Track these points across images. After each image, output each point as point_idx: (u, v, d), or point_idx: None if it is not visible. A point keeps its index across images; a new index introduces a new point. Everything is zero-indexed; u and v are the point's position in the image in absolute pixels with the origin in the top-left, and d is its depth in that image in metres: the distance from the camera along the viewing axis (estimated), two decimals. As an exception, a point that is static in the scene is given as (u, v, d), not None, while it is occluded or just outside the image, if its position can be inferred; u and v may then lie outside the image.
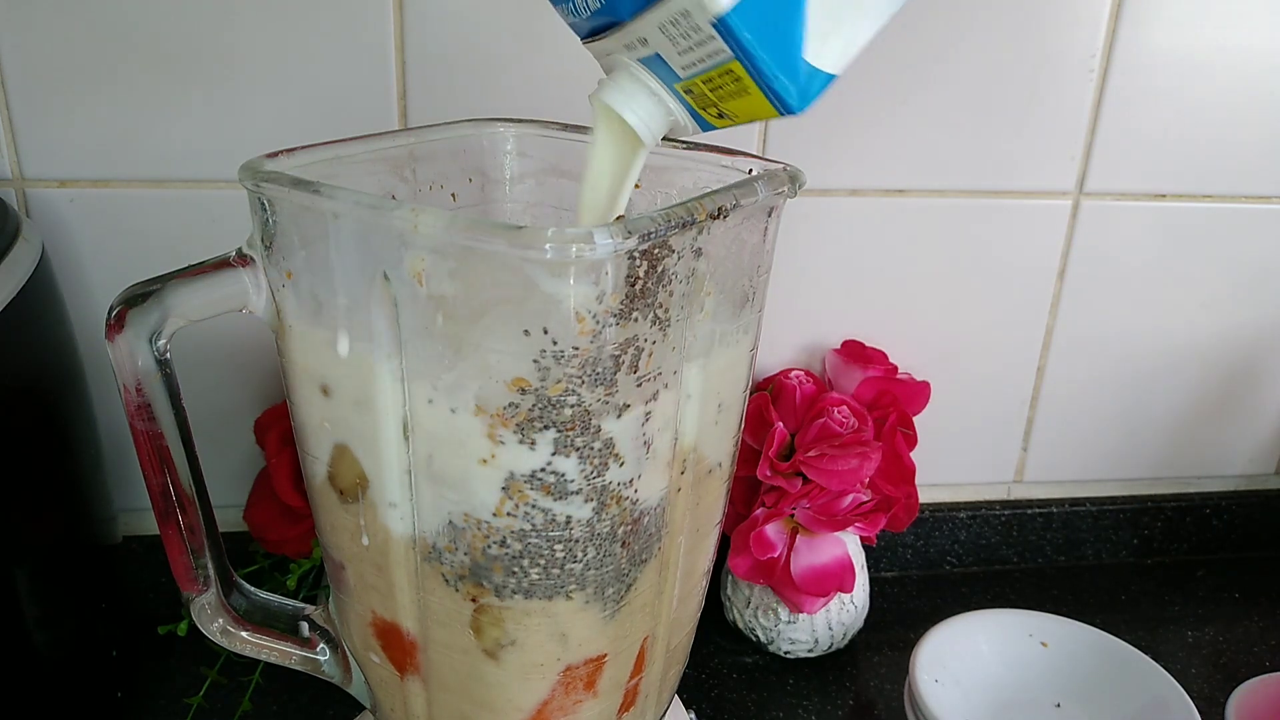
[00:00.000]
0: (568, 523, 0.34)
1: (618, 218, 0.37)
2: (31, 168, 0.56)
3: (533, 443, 0.32)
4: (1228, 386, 0.74)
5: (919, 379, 0.66)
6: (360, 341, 0.34)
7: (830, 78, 0.31)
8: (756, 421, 0.61)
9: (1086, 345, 0.71)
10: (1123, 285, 0.69)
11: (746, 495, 0.62)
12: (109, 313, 0.33)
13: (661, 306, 0.32)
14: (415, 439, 0.34)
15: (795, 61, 0.30)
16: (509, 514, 0.33)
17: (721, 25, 0.29)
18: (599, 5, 0.32)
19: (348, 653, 0.42)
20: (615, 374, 0.32)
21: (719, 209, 0.32)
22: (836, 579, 0.61)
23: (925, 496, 0.71)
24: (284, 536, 0.58)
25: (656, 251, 0.31)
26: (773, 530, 0.61)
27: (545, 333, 0.30)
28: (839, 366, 0.66)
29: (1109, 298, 0.70)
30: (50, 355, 0.52)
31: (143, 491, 0.37)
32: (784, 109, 0.31)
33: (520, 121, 0.45)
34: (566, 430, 0.32)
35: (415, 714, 0.41)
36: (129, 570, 0.62)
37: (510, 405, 0.32)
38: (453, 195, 0.44)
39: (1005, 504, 0.75)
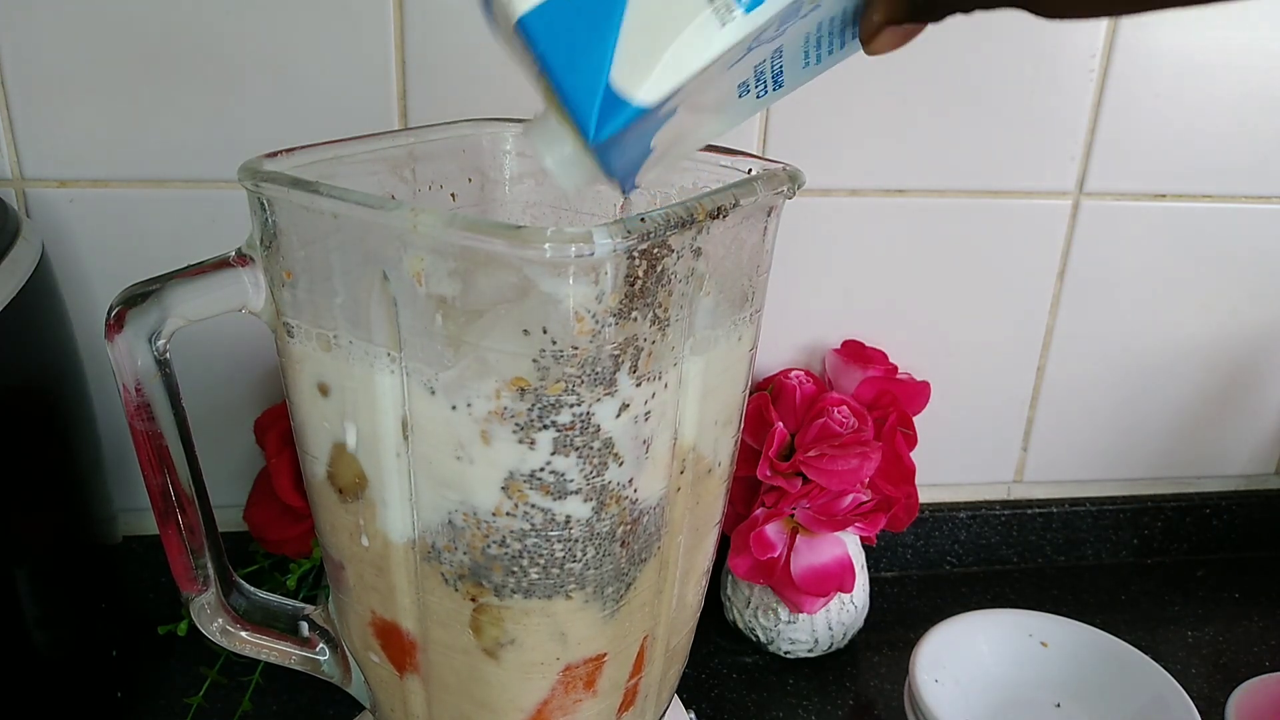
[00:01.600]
0: (567, 522, 0.34)
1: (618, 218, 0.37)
2: (31, 168, 0.56)
3: (532, 442, 0.32)
4: (1228, 386, 0.74)
5: (919, 379, 0.66)
6: (359, 341, 0.33)
7: (639, 111, 0.27)
8: (756, 421, 0.61)
9: (1086, 345, 0.71)
10: (1123, 285, 0.69)
11: (746, 495, 0.62)
12: (108, 313, 0.33)
13: (661, 306, 0.32)
14: (414, 438, 0.34)
15: (594, 82, 0.26)
16: (508, 513, 0.33)
17: (521, 28, 0.26)
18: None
19: (347, 652, 0.42)
20: (614, 373, 0.32)
21: (718, 209, 0.32)
22: (836, 579, 0.61)
23: (925, 496, 0.71)
24: (284, 536, 0.58)
25: (656, 251, 0.31)
26: (773, 530, 0.60)
27: (544, 332, 0.30)
28: (839, 366, 0.66)
29: (1109, 298, 0.70)
30: (50, 355, 0.52)
31: (142, 491, 0.37)
32: (581, 131, 0.27)
33: (520, 121, 0.45)
34: (566, 430, 0.32)
35: (415, 714, 0.41)
36: (129, 570, 0.62)
37: (509, 405, 0.32)
38: (452, 195, 0.44)
39: (1005, 504, 0.75)
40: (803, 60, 0.31)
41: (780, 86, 0.31)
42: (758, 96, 0.31)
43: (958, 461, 0.73)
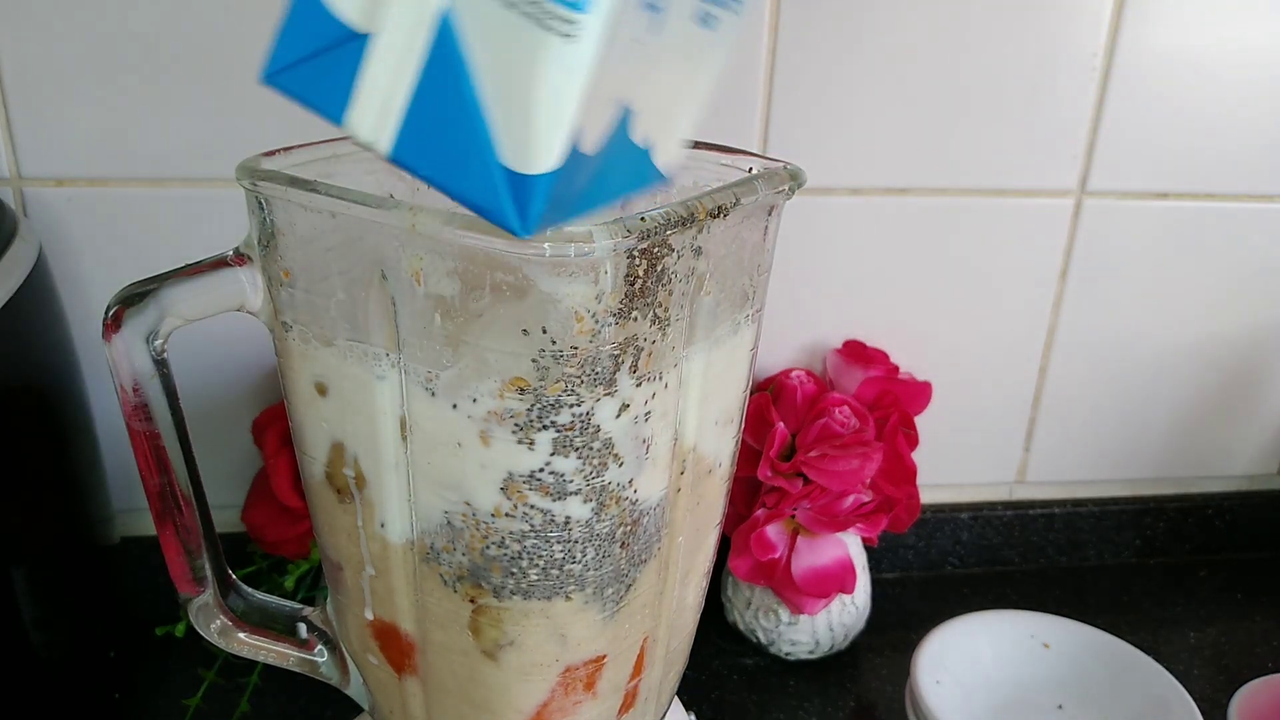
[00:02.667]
0: (567, 523, 0.33)
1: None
2: (29, 167, 0.56)
3: (531, 443, 0.32)
4: (1230, 386, 0.74)
5: (920, 379, 0.66)
6: (358, 340, 0.33)
7: (550, 178, 0.24)
8: (757, 422, 0.61)
9: (1089, 345, 0.71)
10: (1125, 285, 0.69)
11: (747, 496, 0.62)
12: (106, 313, 0.33)
13: (661, 306, 0.32)
14: (413, 438, 0.33)
15: (493, 182, 0.24)
16: (507, 514, 0.33)
17: (398, 163, 0.25)
18: None
19: (345, 654, 0.42)
20: (614, 374, 0.32)
21: (719, 207, 0.32)
22: (837, 580, 0.61)
23: (927, 497, 0.70)
24: (282, 537, 0.58)
25: (656, 250, 0.31)
26: (773, 531, 0.60)
27: (544, 332, 0.30)
28: (840, 366, 0.66)
29: (1111, 297, 0.69)
30: (47, 355, 0.52)
31: (140, 492, 0.37)
32: (511, 232, 0.25)
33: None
34: (565, 430, 0.32)
35: (414, 715, 0.41)
36: (127, 571, 0.62)
37: (509, 405, 0.31)
38: (451, 194, 0.44)
39: (1007, 504, 0.74)
40: None
41: None
42: (734, 10, 0.28)
43: (959, 462, 0.73)
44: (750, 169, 0.39)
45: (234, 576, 0.40)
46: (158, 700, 0.59)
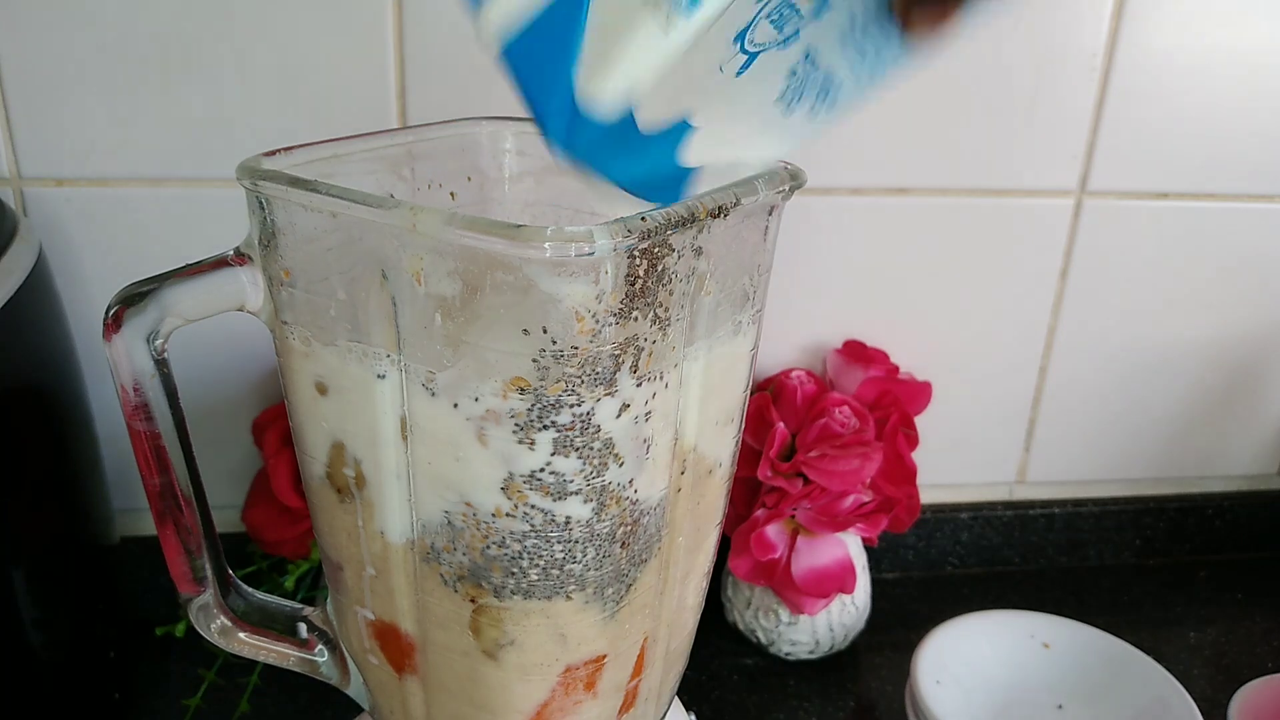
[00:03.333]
0: (567, 523, 0.33)
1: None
2: (29, 166, 0.56)
3: (532, 443, 0.32)
4: (1230, 386, 0.74)
5: (920, 379, 0.66)
6: (358, 340, 0.33)
7: (602, 120, 0.29)
8: (757, 422, 0.61)
9: (1089, 345, 0.71)
10: (1125, 285, 0.69)
11: (747, 496, 0.62)
12: (106, 313, 0.33)
13: (661, 305, 0.32)
14: (413, 438, 0.33)
15: (562, 97, 0.28)
16: (508, 514, 0.33)
17: (504, 57, 0.29)
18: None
19: (346, 654, 0.42)
20: (615, 373, 0.32)
21: (719, 207, 0.32)
22: (837, 580, 0.61)
23: (927, 497, 0.70)
24: (282, 537, 0.58)
25: (656, 250, 0.31)
26: (773, 531, 0.60)
27: (544, 332, 0.30)
28: (840, 366, 0.66)
29: (1111, 297, 0.69)
30: (48, 355, 0.52)
31: (140, 492, 0.37)
32: (550, 140, 0.29)
33: (520, 120, 0.45)
34: (566, 430, 0.32)
35: (414, 715, 0.41)
36: (126, 571, 0.62)
37: (509, 405, 0.31)
38: (451, 194, 0.44)
39: (1007, 505, 0.74)
40: (848, 63, 0.31)
41: (833, 96, 0.32)
42: (813, 110, 0.32)
43: (960, 462, 0.73)
44: (750, 169, 0.39)
45: (234, 576, 0.40)
46: (158, 700, 0.59)
